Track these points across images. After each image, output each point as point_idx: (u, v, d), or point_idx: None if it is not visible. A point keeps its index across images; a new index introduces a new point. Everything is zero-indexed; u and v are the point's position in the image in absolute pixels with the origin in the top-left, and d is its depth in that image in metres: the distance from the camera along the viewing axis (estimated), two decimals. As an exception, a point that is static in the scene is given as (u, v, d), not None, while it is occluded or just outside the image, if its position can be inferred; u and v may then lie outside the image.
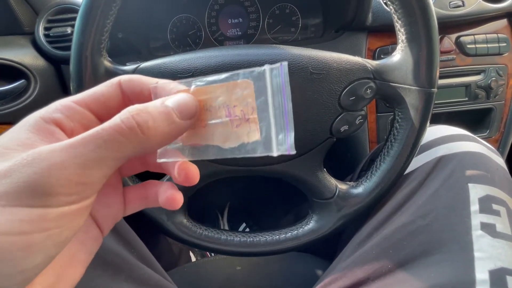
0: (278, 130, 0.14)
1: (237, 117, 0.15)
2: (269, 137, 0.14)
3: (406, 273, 0.26)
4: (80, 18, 0.27)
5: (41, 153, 0.13)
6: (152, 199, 0.18)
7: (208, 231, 0.33)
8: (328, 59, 0.29)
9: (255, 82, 0.15)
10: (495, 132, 0.57)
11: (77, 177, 0.13)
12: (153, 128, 0.14)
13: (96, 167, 0.14)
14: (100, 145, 0.13)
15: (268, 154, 0.15)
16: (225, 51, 0.29)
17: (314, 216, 0.33)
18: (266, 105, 0.14)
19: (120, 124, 0.14)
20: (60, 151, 0.13)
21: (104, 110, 0.16)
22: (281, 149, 0.14)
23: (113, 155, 0.14)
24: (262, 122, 0.15)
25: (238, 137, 0.15)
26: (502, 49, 0.53)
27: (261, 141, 0.15)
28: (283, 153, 0.14)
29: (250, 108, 0.15)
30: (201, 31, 0.56)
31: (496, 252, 0.24)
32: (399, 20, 0.28)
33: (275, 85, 0.14)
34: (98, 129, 0.14)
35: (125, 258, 0.28)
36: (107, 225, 0.18)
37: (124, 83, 0.16)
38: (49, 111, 0.15)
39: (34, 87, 0.47)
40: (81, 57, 0.27)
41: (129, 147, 0.14)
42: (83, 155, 0.13)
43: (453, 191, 0.28)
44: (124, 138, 0.14)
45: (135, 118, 0.14)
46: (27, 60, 0.47)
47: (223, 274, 0.42)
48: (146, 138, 0.14)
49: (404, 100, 0.29)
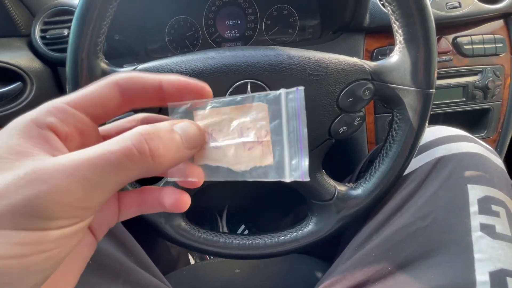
0: (292, 155, 0.14)
1: (250, 139, 0.15)
2: (282, 162, 0.14)
3: (406, 275, 0.26)
4: (76, 19, 0.27)
5: (41, 172, 0.12)
6: (149, 205, 0.18)
7: (206, 234, 0.33)
8: (326, 60, 0.28)
9: (270, 105, 0.14)
10: (493, 133, 0.57)
11: (79, 202, 0.13)
12: (163, 155, 0.14)
13: (98, 192, 0.13)
14: (106, 169, 0.13)
15: (281, 179, 0.14)
16: (222, 53, 0.29)
17: (313, 218, 0.33)
18: (280, 129, 0.14)
19: (131, 148, 0.13)
20: (63, 173, 0.12)
21: (100, 112, 0.15)
22: (294, 175, 0.14)
23: (119, 180, 0.13)
24: (276, 146, 0.14)
25: (250, 160, 0.15)
26: (499, 50, 0.53)
27: (274, 165, 0.14)
28: (296, 179, 0.14)
29: (264, 131, 0.15)
30: (199, 32, 0.56)
31: (496, 254, 0.24)
32: (397, 21, 0.28)
33: (291, 109, 0.14)
34: (105, 151, 0.13)
35: (123, 263, 0.28)
36: (101, 230, 0.17)
37: (122, 82, 0.15)
38: (41, 114, 0.14)
39: (30, 89, 0.46)
40: (77, 59, 0.27)
41: (135, 172, 0.13)
42: (87, 180, 0.12)
43: (452, 192, 0.28)
44: (133, 163, 0.13)
45: (148, 143, 0.13)
46: (23, 62, 0.46)
47: (222, 277, 0.42)
48: (154, 164, 0.14)
49: (402, 101, 0.29)
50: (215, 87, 0.29)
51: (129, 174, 0.13)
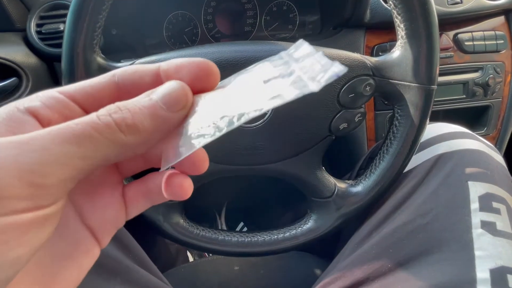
0: (321, 62, 0.12)
1: (275, 77, 0.12)
2: (313, 69, 0.12)
3: (406, 272, 0.26)
4: (72, 13, 0.26)
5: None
6: (155, 194, 0.15)
7: (205, 231, 0.33)
8: (326, 55, 0.28)
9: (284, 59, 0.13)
10: (493, 130, 0.57)
11: (30, 174, 0.10)
12: (133, 125, 0.12)
13: (57, 164, 0.11)
14: (69, 139, 0.11)
15: (312, 90, 0.11)
16: (222, 48, 0.29)
17: (312, 215, 0.33)
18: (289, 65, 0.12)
19: (96, 120, 0.12)
20: (18, 143, 0.11)
21: (92, 102, 0.14)
22: (335, 69, 0.11)
23: (82, 153, 0.11)
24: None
25: (274, 89, 0.12)
26: (500, 46, 0.53)
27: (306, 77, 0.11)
28: (339, 71, 0.11)
29: (288, 67, 0.12)
30: (198, 28, 0.55)
31: (497, 251, 0.24)
32: (399, 15, 0.27)
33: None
34: (70, 123, 0.12)
35: (121, 261, 0.28)
36: (106, 233, 0.15)
37: (119, 75, 0.14)
38: (26, 100, 0.13)
39: (26, 85, 0.46)
40: (72, 53, 0.26)
41: (106, 147, 0.12)
42: (45, 149, 0.11)
43: (453, 189, 0.28)
44: (100, 135, 0.12)
45: (111, 115, 0.12)
46: (19, 57, 0.45)
47: (221, 274, 0.42)
48: (125, 137, 0.12)
49: (403, 97, 0.29)
50: (214, 82, 0.29)
51: (97, 147, 0.12)
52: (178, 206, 0.32)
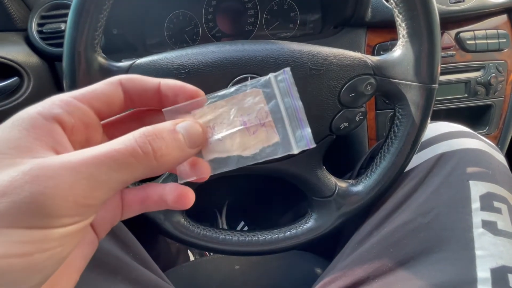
0: (294, 128, 0.15)
1: (252, 124, 0.16)
2: (287, 136, 0.16)
3: (407, 271, 0.26)
4: (73, 12, 0.26)
5: (47, 169, 0.12)
6: (152, 202, 0.17)
7: (206, 230, 0.33)
8: (327, 54, 0.28)
9: (263, 89, 0.16)
10: (494, 129, 0.57)
11: (84, 200, 0.13)
12: (166, 155, 0.14)
13: (103, 189, 0.13)
14: (112, 167, 0.13)
15: (289, 152, 0.15)
16: (222, 47, 0.28)
17: (313, 215, 0.33)
18: (278, 108, 0.16)
19: (136, 148, 0.13)
20: (69, 169, 0.12)
21: (105, 109, 0.16)
22: (300, 145, 0.15)
23: (122, 178, 0.13)
24: (277, 124, 0.16)
25: (257, 142, 0.16)
26: (502, 45, 0.52)
27: (280, 142, 0.16)
28: (303, 148, 0.15)
29: (264, 112, 0.16)
30: (198, 27, 0.55)
31: (498, 250, 0.24)
32: (400, 14, 0.27)
33: (282, 89, 0.16)
34: (111, 150, 0.13)
35: (122, 259, 0.28)
36: (103, 229, 0.17)
37: (125, 82, 0.16)
38: (47, 107, 0.14)
39: (27, 84, 0.46)
40: (74, 53, 0.27)
41: (139, 171, 0.14)
42: (93, 177, 0.13)
43: (454, 188, 0.28)
44: (137, 161, 0.13)
45: (151, 144, 0.14)
46: (20, 57, 0.46)
47: (221, 273, 0.42)
48: (158, 164, 0.14)
49: (404, 97, 0.28)
50: (215, 81, 0.29)
51: (133, 172, 0.14)
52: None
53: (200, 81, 0.28)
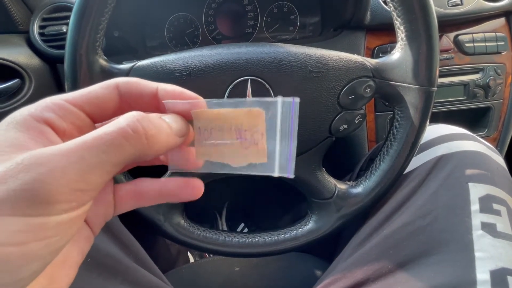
0: (281, 157, 0.16)
1: (247, 140, 0.16)
2: (273, 161, 0.16)
3: (407, 273, 0.26)
4: (74, 15, 0.26)
5: (39, 157, 0.12)
6: (146, 197, 0.17)
7: (206, 231, 0.33)
8: (327, 57, 0.28)
9: (266, 110, 0.16)
10: (493, 131, 0.57)
11: (77, 183, 0.13)
12: (155, 135, 0.14)
13: (96, 173, 0.13)
14: (102, 149, 0.13)
15: (270, 174, 0.17)
16: (222, 49, 0.29)
17: (313, 216, 0.33)
18: (274, 132, 0.16)
19: (126, 128, 0.14)
20: (60, 156, 0.12)
21: (98, 112, 0.16)
22: (281, 172, 0.17)
23: (114, 160, 0.13)
24: (269, 146, 0.16)
25: (247, 158, 0.17)
26: (500, 48, 0.53)
27: (266, 164, 0.17)
28: (283, 175, 0.16)
29: (260, 134, 0.16)
30: (199, 30, 0.55)
31: (497, 252, 0.24)
32: (399, 17, 0.28)
33: (285, 117, 0.16)
34: (101, 133, 0.13)
35: (121, 261, 0.28)
36: (97, 224, 0.17)
37: (122, 85, 0.16)
38: (39, 109, 0.14)
39: (28, 86, 0.46)
40: (75, 55, 0.27)
41: (130, 152, 0.14)
42: (83, 160, 0.13)
43: (453, 190, 0.28)
44: (128, 142, 0.14)
45: (140, 123, 0.14)
46: (22, 59, 0.46)
47: (221, 275, 0.42)
48: (148, 145, 0.14)
49: (403, 99, 0.29)
50: (215, 84, 0.29)
51: (124, 154, 0.14)
52: (179, 206, 0.32)
53: (200, 83, 0.28)
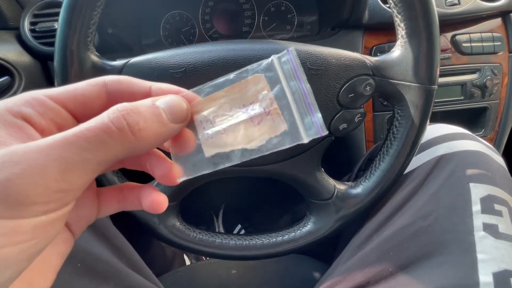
0: (302, 115, 0.14)
1: (257, 112, 0.14)
2: (295, 124, 0.14)
3: (408, 276, 0.25)
4: (65, 9, 0.25)
5: (14, 154, 0.11)
6: (131, 202, 0.17)
7: (202, 234, 0.32)
8: (326, 55, 0.28)
9: (265, 74, 0.14)
10: (490, 131, 0.57)
11: (57, 183, 0.12)
12: (144, 129, 0.13)
13: (78, 172, 0.12)
14: (84, 147, 0.12)
15: (299, 142, 0.14)
16: (219, 46, 0.28)
17: (311, 218, 0.32)
18: (283, 93, 0.14)
19: (109, 124, 0.12)
20: (37, 153, 0.11)
21: (83, 111, 0.15)
22: (311, 133, 0.14)
23: (99, 158, 0.12)
24: (284, 111, 0.14)
25: (263, 133, 0.14)
26: (497, 48, 0.53)
27: (288, 130, 0.14)
28: (314, 136, 0.13)
29: (268, 100, 0.14)
30: (195, 28, 0.55)
31: (500, 254, 0.24)
32: (399, 14, 0.27)
33: (287, 71, 0.14)
34: (82, 129, 0.12)
35: (114, 265, 0.27)
36: (78, 227, 0.16)
37: (111, 84, 0.15)
38: (17, 104, 0.13)
39: (18, 84, 0.45)
40: (66, 51, 0.26)
41: (116, 149, 0.13)
42: (64, 158, 0.12)
43: (454, 191, 0.28)
44: (112, 139, 0.12)
45: (125, 118, 0.13)
46: (12, 56, 0.44)
47: (218, 278, 0.41)
48: (136, 140, 0.13)
49: (404, 98, 0.28)
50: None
51: (109, 151, 0.13)
52: (174, 208, 0.31)
53: (196, 80, 0.27)
